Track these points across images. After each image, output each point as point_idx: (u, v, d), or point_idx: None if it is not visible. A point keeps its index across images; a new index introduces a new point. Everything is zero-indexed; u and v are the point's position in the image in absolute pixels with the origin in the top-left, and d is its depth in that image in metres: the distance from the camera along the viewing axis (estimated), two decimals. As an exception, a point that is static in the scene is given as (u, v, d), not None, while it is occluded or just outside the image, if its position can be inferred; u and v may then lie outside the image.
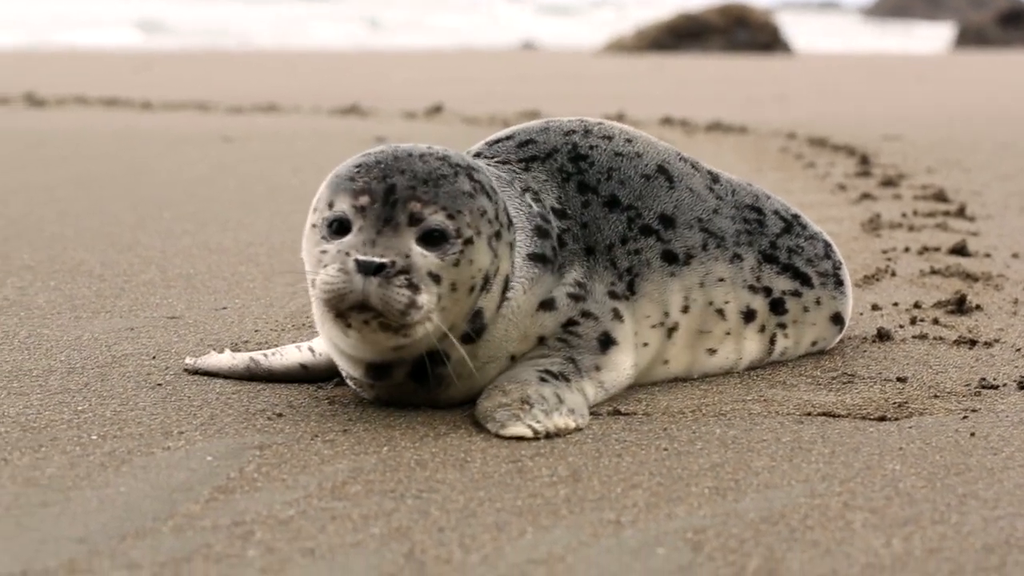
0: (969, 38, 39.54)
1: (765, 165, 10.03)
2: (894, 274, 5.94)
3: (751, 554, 2.89)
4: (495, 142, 4.23)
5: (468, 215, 3.67)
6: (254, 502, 3.14)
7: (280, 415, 3.82)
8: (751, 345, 4.34)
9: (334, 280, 3.55)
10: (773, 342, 4.40)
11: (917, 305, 5.29)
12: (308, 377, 4.20)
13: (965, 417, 3.89)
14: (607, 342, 3.98)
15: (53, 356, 4.44)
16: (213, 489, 3.22)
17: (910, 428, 3.79)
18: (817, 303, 4.48)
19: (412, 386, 3.83)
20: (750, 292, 4.32)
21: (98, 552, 2.85)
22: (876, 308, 5.24)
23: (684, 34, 31.17)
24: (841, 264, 4.60)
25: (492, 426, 3.67)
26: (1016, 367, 4.43)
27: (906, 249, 6.56)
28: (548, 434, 3.65)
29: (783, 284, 4.39)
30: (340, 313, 3.60)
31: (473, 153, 4.20)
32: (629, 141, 4.28)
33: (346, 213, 3.63)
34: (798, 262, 4.44)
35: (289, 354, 4.22)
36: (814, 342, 4.52)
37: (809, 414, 3.92)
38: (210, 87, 17.36)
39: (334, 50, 32.12)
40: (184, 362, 4.33)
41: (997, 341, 4.76)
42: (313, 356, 4.19)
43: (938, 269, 5.99)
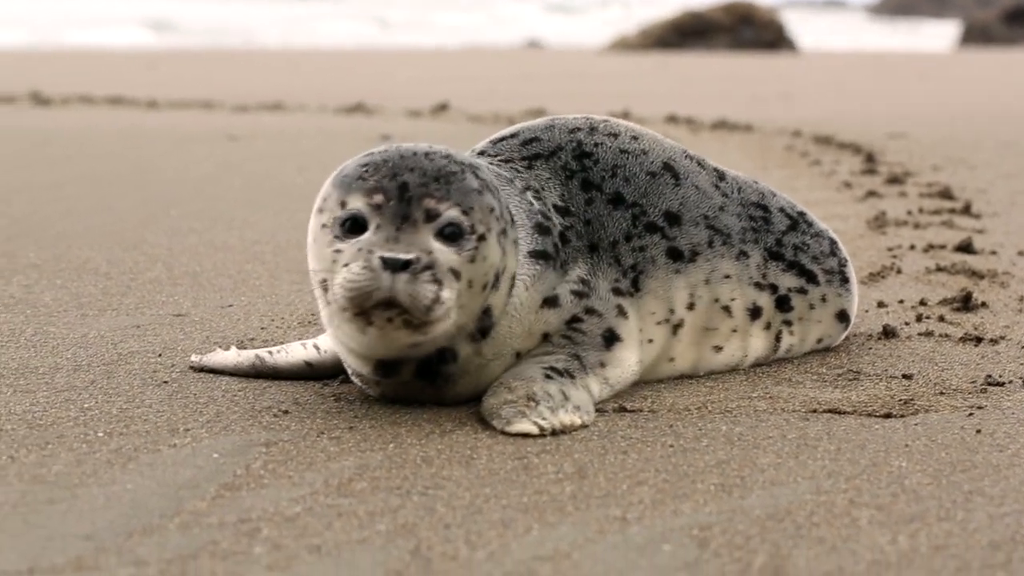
0: (974, 36, 39.53)
1: (770, 163, 10.02)
2: (900, 271, 5.93)
3: (757, 551, 2.88)
4: (499, 140, 4.22)
5: (479, 211, 3.67)
6: (260, 499, 3.14)
7: (286, 412, 3.82)
8: (757, 342, 4.34)
9: (359, 278, 3.52)
10: (779, 339, 4.39)
11: (923, 302, 5.29)
12: (313, 374, 4.20)
13: (971, 414, 3.88)
14: (612, 339, 3.98)
15: (59, 354, 4.44)
16: (219, 486, 3.22)
17: (916, 425, 3.78)
18: (823, 300, 4.48)
19: (419, 383, 3.83)
20: (756, 289, 4.31)
21: (105, 549, 2.85)
22: (882, 305, 5.23)
23: (689, 32, 31.20)
24: (847, 261, 4.60)
25: (498, 423, 3.67)
26: (1022, 364, 4.42)
27: (912, 246, 6.55)
28: (554, 431, 3.64)
29: (789, 281, 4.39)
30: (362, 311, 3.57)
31: (477, 151, 4.20)
32: (635, 138, 4.28)
33: (361, 211, 3.60)
34: (804, 259, 4.44)
35: (294, 351, 4.22)
36: (820, 339, 4.52)
37: (815, 411, 3.91)
38: (216, 86, 17.38)
39: (339, 49, 32.13)
40: (190, 360, 4.34)
41: (1003, 338, 4.75)
42: (318, 353, 4.19)
43: (944, 266, 5.98)
